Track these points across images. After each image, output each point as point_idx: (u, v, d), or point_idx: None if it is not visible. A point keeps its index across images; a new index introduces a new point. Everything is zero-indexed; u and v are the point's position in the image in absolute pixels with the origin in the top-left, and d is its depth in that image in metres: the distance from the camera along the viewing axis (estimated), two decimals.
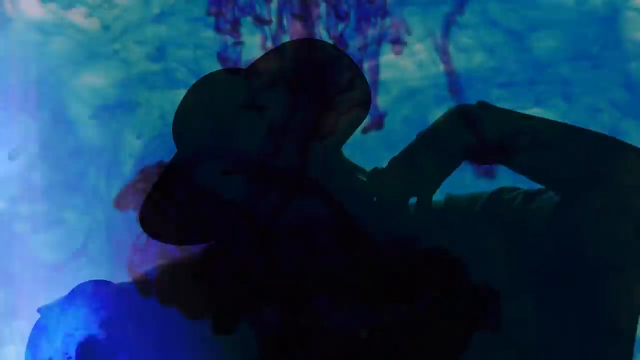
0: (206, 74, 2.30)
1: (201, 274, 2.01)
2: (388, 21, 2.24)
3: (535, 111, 2.26)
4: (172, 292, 1.98)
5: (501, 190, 1.96)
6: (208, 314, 1.98)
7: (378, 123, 2.16)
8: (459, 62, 2.28)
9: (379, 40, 2.22)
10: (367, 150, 2.29)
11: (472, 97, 2.26)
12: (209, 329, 1.95)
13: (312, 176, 2.05)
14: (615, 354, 1.90)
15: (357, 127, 2.06)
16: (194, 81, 2.31)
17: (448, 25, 2.22)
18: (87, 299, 1.95)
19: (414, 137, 2.26)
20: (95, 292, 1.94)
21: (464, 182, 2.13)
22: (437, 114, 2.30)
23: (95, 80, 2.34)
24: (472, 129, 1.91)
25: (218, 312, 1.98)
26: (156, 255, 2.17)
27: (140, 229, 2.09)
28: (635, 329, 1.89)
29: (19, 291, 2.24)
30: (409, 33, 2.23)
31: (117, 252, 2.25)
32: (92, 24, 2.38)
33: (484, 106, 1.88)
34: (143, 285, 1.99)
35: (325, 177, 2.03)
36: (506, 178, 2.11)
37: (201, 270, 2.01)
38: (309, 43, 2.09)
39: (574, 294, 1.88)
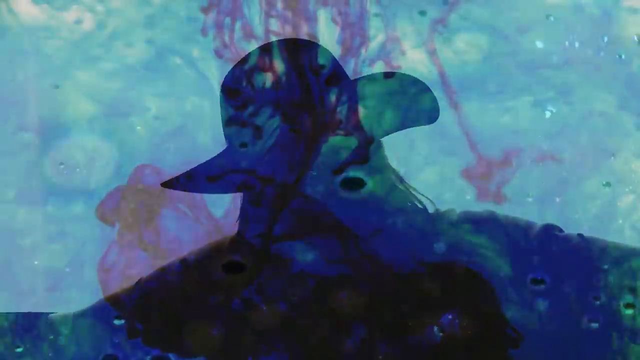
0: (208, 77, 2.30)
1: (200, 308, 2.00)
2: (383, 37, 2.24)
3: (533, 112, 2.26)
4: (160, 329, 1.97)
5: (552, 227, 2.00)
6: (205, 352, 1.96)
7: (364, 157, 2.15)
8: (455, 65, 2.27)
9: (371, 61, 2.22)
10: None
11: (468, 100, 2.26)
12: None
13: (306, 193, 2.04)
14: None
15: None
16: (191, 81, 2.31)
17: (435, 30, 2.22)
18: None
19: (409, 136, 2.26)
20: None
21: (465, 204, 2.14)
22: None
23: (92, 81, 2.34)
24: None
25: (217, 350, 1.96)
26: (126, 275, 2.18)
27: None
28: None
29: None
30: (403, 53, 2.23)
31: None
32: (87, 25, 2.37)
33: None
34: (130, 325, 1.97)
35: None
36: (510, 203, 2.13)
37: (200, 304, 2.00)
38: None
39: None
